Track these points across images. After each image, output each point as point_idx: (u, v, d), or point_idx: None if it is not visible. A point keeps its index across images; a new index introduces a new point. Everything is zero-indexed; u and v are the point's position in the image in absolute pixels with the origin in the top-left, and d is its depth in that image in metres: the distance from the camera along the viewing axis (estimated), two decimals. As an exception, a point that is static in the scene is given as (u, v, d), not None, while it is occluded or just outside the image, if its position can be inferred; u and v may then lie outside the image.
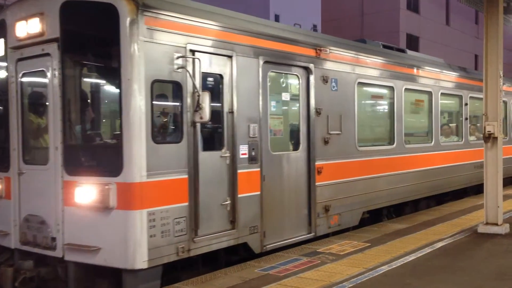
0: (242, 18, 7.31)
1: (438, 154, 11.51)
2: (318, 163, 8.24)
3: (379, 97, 10.33)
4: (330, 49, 8.51)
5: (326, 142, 8.41)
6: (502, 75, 8.56)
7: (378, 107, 10.56)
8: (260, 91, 7.32)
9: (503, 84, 9.17)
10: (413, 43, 37.25)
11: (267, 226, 7.43)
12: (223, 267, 6.93)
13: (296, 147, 8.12)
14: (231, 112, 6.90)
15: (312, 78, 8.16)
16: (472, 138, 13.42)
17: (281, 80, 8.16)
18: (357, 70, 9.15)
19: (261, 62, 7.31)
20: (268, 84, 7.54)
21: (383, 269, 6.47)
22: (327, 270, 6.46)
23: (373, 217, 9.90)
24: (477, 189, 13.74)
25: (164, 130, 6.39)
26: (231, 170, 6.90)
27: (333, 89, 8.61)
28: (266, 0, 47.21)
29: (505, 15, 9.36)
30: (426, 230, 8.81)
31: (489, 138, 8.41)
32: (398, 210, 10.63)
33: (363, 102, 9.73)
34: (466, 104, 12.75)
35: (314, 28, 45.48)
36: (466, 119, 12.77)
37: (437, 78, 11.61)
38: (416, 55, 11.58)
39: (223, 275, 6.46)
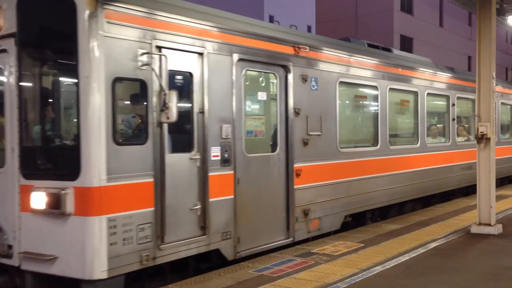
0: (214, 14, 6.88)
1: (424, 156, 11.08)
2: (296, 165, 7.82)
3: (362, 97, 9.90)
4: (310, 47, 8.09)
5: (305, 143, 7.99)
6: (494, 76, 8.41)
7: (361, 107, 10.11)
8: (234, 90, 6.90)
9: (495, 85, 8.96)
10: (407, 44, 37.10)
11: (242, 231, 7.01)
12: (193, 275, 6.52)
13: (273, 148, 7.70)
14: (202, 112, 6.48)
15: (290, 77, 7.74)
16: (460, 139, 13.02)
17: (257, 79, 7.74)
18: (338, 69, 8.72)
19: (235, 60, 6.89)
20: (243, 83, 7.12)
21: (377, 270, 6.37)
22: (321, 271, 6.34)
23: (356, 221, 9.50)
24: (466, 191, 13.38)
25: (127, 131, 5.95)
26: (201, 173, 6.48)
27: (313, 88, 8.19)
28: (260, 1, 46.83)
29: (497, 16, 9.27)
30: (419, 231, 8.68)
31: (482, 139, 8.29)
32: (382, 213, 10.21)
33: (345, 102, 9.29)
34: (453, 105, 12.33)
35: (309, 29, 45.17)
36: (454, 119, 12.35)
37: (423, 78, 11.18)
38: (402, 55, 11.15)
39: (217, 276, 6.28)
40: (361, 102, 10.00)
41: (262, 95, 7.68)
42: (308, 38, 8.34)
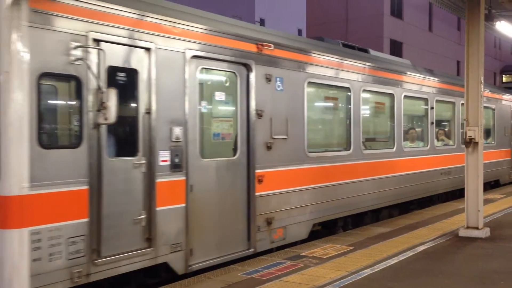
0: (164, 6, 6.18)
1: (401, 161, 10.40)
2: (259, 171, 7.14)
3: (334, 98, 9.18)
4: (275, 44, 7.43)
5: (269, 147, 7.31)
6: (483, 81, 8.28)
7: (332, 110, 9.38)
8: (187, 89, 6.22)
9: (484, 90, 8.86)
10: (396, 48, 36.74)
11: (195, 242, 6.32)
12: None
13: (233, 153, 7.02)
14: (149, 112, 5.80)
15: (252, 76, 7.06)
16: (439, 143, 12.38)
17: (215, 77, 7.08)
18: (307, 68, 8.05)
19: (188, 57, 6.21)
20: (198, 81, 6.45)
21: (366, 273, 6.25)
22: (310, 274, 6.20)
23: (327, 229, 8.83)
24: (445, 197, 12.75)
25: (56, 132, 5.26)
26: (147, 179, 5.79)
27: (278, 89, 7.51)
28: (251, 4, 46.31)
29: (486, 22, 9.18)
30: (408, 234, 8.51)
31: (470, 143, 8.19)
32: (356, 221, 9.55)
33: (314, 103, 8.60)
34: (432, 108, 11.67)
35: (299, 32, 44.67)
36: (432, 123, 11.65)
37: (400, 80, 10.51)
38: (379, 56, 10.47)
39: (206, 279, 6.08)
40: (332, 104, 9.28)
41: (220, 95, 7.00)
42: (273, 35, 7.64)
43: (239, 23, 7.19)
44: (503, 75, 50.78)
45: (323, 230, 8.71)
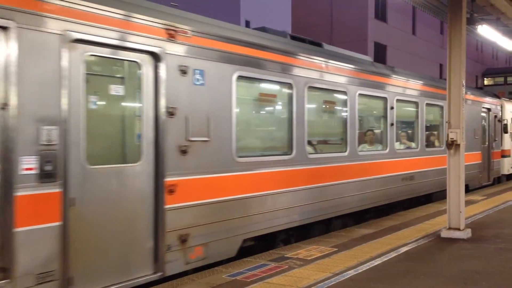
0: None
1: (354, 165, 8.96)
2: (169, 179, 5.73)
3: (271, 95, 7.73)
4: (193, 31, 6.03)
5: (183, 151, 5.90)
6: (464, 84, 8.14)
7: (270, 109, 7.95)
8: (65, 81, 4.81)
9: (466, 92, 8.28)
10: (380, 51, 36.01)
11: (78, 269, 4.90)
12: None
13: (135, 158, 5.61)
14: (4, 108, 4.40)
15: (162, 67, 5.65)
16: (401, 146, 10.99)
17: (111, 68, 5.66)
18: (236, 61, 6.63)
19: (66, 40, 4.81)
20: (84, 71, 5.04)
21: (350, 274, 6.08)
22: (294, 275, 6.01)
23: (265, 243, 7.43)
24: (409, 204, 11.39)
25: None
26: (1, 192, 4.39)
27: (197, 83, 6.10)
28: (236, 6, 45.12)
29: (468, 26, 9.12)
30: (391, 235, 8.28)
31: (452, 145, 8.05)
32: (302, 233, 8.15)
33: (246, 101, 7.19)
34: (392, 108, 10.23)
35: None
36: (392, 124, 10.22)
37: (355, 77, 9.08)
38: (333, 50, 9.05)
39: (190, 281, 5.79)
40: (269, 102, 7.83)
41: (117, 89, 5.57)
42: (190, 20, 6.19)
43: (145, 3, 5.75)
44: (485, 78, 49.98)
45: (260, 245, 7.32)
